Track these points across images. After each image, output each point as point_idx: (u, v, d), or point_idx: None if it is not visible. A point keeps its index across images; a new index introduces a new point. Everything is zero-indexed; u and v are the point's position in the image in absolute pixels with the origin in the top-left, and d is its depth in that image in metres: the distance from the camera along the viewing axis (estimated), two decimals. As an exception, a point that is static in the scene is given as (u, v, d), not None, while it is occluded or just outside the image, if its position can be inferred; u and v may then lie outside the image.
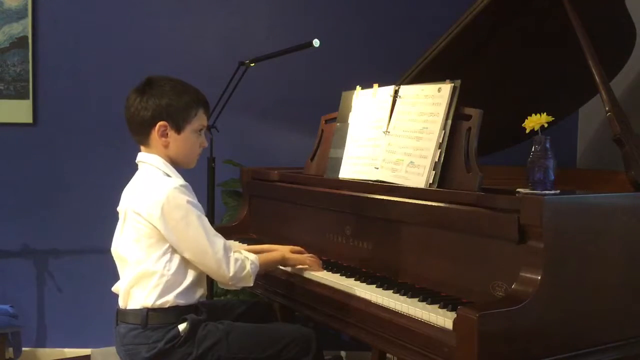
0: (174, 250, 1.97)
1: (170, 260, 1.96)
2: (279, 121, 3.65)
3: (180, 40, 3.59)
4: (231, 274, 1.99)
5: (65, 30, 3.56)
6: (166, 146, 2.02)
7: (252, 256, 2.09)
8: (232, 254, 2.01)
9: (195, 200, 1.98)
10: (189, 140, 2.05)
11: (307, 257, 2.28)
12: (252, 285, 2.08)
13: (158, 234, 1.94)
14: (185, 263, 1.99)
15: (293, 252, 2.32)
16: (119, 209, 2.08)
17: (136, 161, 2.07)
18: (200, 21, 3.62)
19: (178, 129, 2.02)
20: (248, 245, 2.47)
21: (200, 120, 2.07)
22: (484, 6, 2.32)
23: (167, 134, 2.01)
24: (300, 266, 2.28)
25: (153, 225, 1.94)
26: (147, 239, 1.95)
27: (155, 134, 2.01)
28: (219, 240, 1.99)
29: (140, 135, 2.04)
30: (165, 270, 1.95)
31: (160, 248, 1.95)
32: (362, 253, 2.22)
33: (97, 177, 3.53)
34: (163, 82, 2.03)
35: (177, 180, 1.99)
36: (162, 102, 1.99)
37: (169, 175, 2.01)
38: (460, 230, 1.86)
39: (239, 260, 2.02)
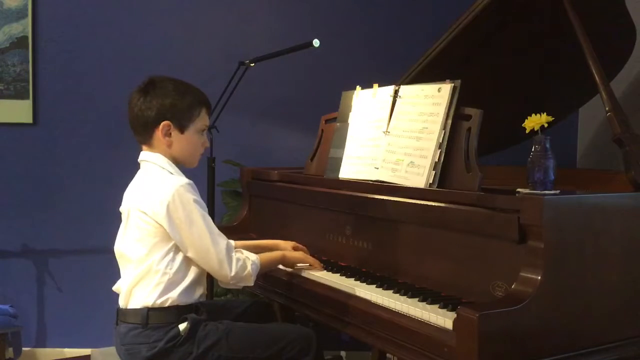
0: (177, 250, 1.97)
1: (173, 259, 1.97)
2: (279, 121, 3.65)
3: (180, 40, 3.59)
4: (232, 273, 2.00)
5: (65, 30, 3.56)
6: (169, 145, 2.03)
7: (254, 256, 2.09)
8: (234, 254, 2.02)
9: (200, 199, 2.00)
10: (192, 139, 2.06)
11: (308, 256, 2.29)
12: (252, 284, 2.09)
13: (163, 233, 1.95)
14: (187, 262, 1.99)
15: (294, 248, 2.34)
16: (121, 208, 2.08)
17: (139, 160, 2.08)
18: (200, 21, 3.62)
19: (181, 129, 2.03)
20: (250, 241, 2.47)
21: (202, 120, 2.09)
22: (484, 6, 2.32)
23: (171, 133, 2.02)
24: (301, 265, 2.29)
25: (158, 224, 1.94)
26: (151, 238, 1.96)
27: (158, 133, 2.01)
28: (222, 240, 2.00)
29: (143, 134, 2.04)
30: (167, 269, 1.96)
31: (164, 247, 1.96)
32: (362, 253, 2.22)
33: (97, 177, 3.53)
34: (166, 82, 2.04)
35: (182, 178, 2.00)
36: (166, 102, 2.01)
37: (172, 174, 2.01)
38: (460, 230, 1.86)
39: (241, 260, 2.03)
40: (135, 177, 2.08)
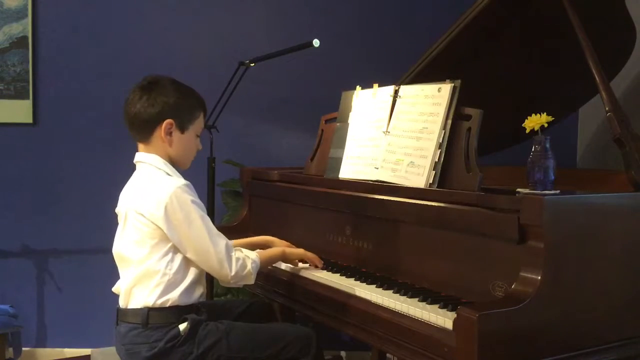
0: (176, 250, 1.97)
1: (172, 260, 1.97)
2: (279, 121, 3.65)
3: (180, 40, 3.59)
4: (233, 273, 2.00)
5: (65, 30, 3.56)
6: (170, 144, 2.03)
7: (253, 255, 2.09)
8: (233, 253, 2.02)
9: (198, 200, 2.00)
10: (190, 141, 2.08)
11: (307, 252, 2.30)
12: (253, 283, 2.09)
13: (161, 234, 1.95)
14: (186, 262, 1.99)
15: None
16: (117, 210, 2.08)
17: (134, 161, 2.07)
18: (200, 21, 3.62)
19: (182, 129, 2.05)
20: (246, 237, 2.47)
21: (200, 123, 2.12)
22: (484, 6, 2.32)
23: (172, 132, 2.02)
24: (301, 265, 2.29)
25: (156, 226, 1.94)
26: (149, 239, 1.96)
27: (160, 131, 2.02)
28: (221, 240, 2.00)
29: (142, 133, 2.04)
30: (167, 269, 1.96)
31: (163, 248, 1.96)
32: (362, 253, 2.22)
33: (97, 177, 3.53)
34: (167, 81, 2.06)
35: (180, 179, 2.00)
36: (170, 101, 2.02)
37: (170, 175, 2.01)
38: (460, 230, 1.86)
39: (240, 260, 2.03)
40: (131, 178, 2.08)
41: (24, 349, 3.44)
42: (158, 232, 1.95)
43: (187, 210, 1.94)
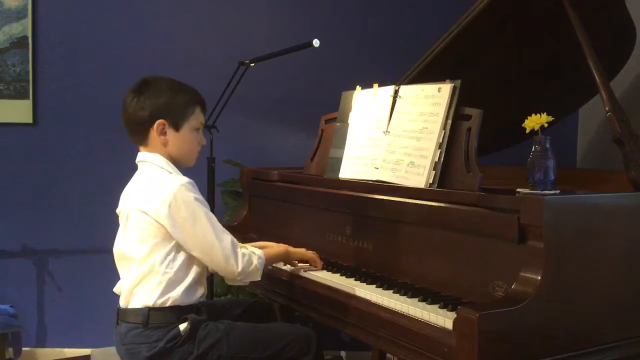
0: (178, 249, 1.97)
1: (174, 259, 1.96)
2: (279, 121, 3.65)
3: (180, 40, 3.59)
4: (240, 269, 2.00)
5: (65, 30, 3.56)
6: (165, 144, 2.03)
7: (258, 251, 2.09)
8: (239, 249, 2.02)
9: (201, 197, 1.99)
10: (188, 138, 2.06)
11: (309, 251, 2.31)
12: (259, 279, 2.08)
13: (164, 233, 1.95)
14: (188, 262, 1.99)
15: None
16: (119, 210, 2.07)
17: (136, 161, 2.07)
18: (200, 21, 3.62)
19: (176, 127, 2.03)
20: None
21: (197, 118, 2.08)
22: (484, 6, 2.32)
23: (166, 131, 2.02)
24: (301, 265, 2.29)
25: (159, 224, 1.94)
26: (152, 238, 1.95)
27: (153, 132, 2.01)
28: (227, 236, 2.00)
29: (138, 135, 2.04)
30: (168, 268, 1.95)
31: (165, 247, 1.96)
32: (362, 253, 2.22)
33: (97, 177, 3.53)
34: (159, 81, 2.05)
35: (182, 177, 2.00)
36: (160, 101, 2.01)
37: (172, 174, 2.01)
38: (460, 230, 1.86)
39: (246, 255, 2.03)
40: (133, 177, 2.08)
41: (24, 349, 3.44)
42: (161, 231, 1.95)
43: (192, 208, 1.94)
